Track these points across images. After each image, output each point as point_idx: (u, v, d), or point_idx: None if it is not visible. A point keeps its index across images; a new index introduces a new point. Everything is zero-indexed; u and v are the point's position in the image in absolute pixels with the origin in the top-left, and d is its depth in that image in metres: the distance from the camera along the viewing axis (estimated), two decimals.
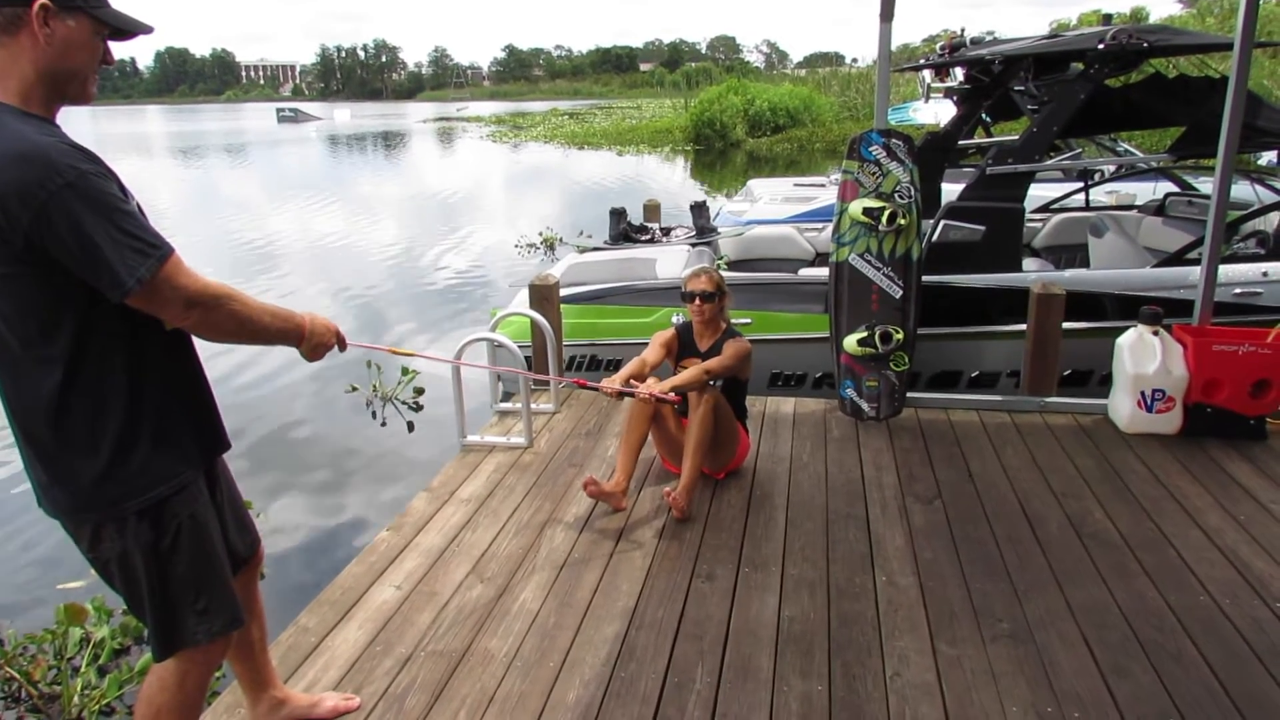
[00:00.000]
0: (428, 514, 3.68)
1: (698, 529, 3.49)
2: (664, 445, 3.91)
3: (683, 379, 3.55)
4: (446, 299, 10.14)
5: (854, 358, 4.52)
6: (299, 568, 4.51)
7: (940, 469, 4.01)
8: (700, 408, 3.57)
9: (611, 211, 7.10)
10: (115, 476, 1.84)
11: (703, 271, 3.85)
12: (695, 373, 3.56)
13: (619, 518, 3.60)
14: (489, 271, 11.53)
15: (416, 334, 8.63)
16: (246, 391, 7.13)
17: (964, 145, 6.87)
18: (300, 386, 7.27)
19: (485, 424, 4.72)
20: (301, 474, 5.66)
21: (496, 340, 4.41)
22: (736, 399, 3.93)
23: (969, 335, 5.14)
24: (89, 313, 1.77)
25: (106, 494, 1.84)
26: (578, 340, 5.51)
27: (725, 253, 7.07)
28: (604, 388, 3.39)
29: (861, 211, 4.42)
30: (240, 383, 7.35)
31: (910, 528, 3.46)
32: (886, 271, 4.45)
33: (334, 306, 9.75)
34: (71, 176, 1.67)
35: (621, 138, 32.64)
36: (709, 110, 29.84)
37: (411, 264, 12.18)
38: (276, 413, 6.70)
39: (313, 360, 2.17)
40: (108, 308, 1.78)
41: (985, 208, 4.98)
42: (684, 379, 3.55)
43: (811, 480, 3.92)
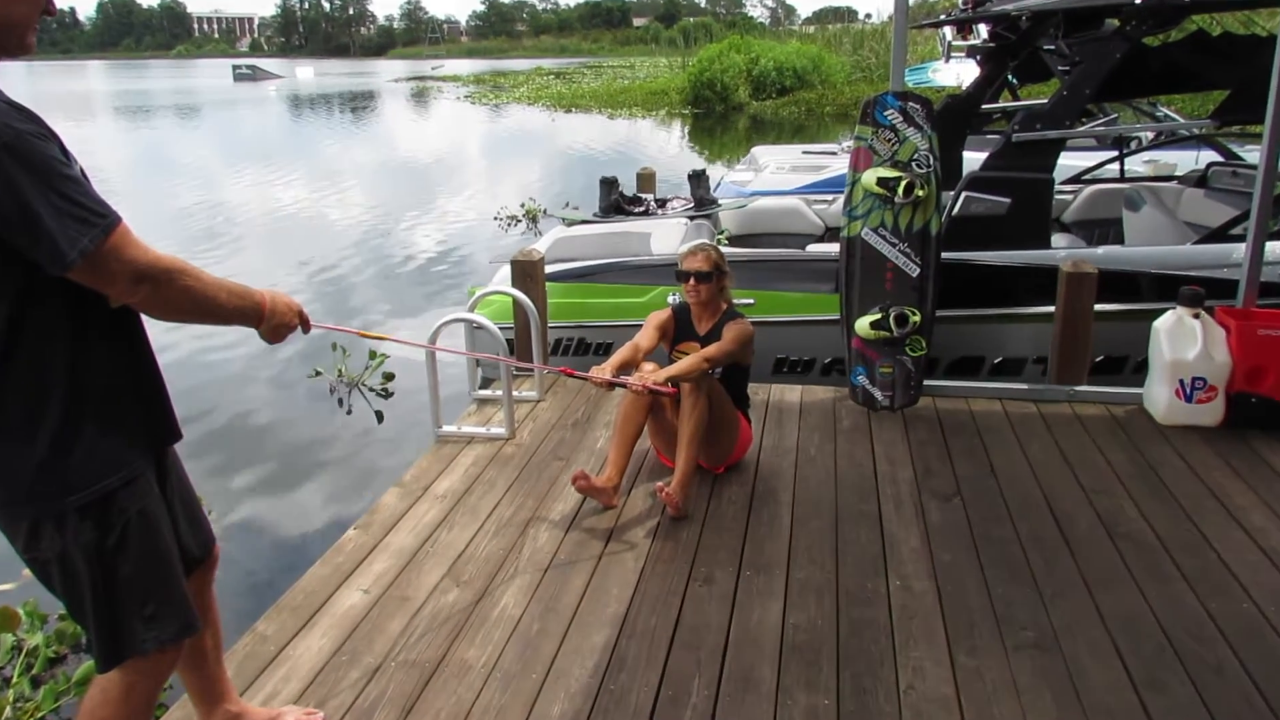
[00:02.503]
0: (399, 511, 3.67)
1: (695, 528, 3.49)
2: (660, 437, 3.91)
3: (680, 368, 3.54)
4: (420, 276, 10.10)
5: (866, 342, 4.52)
6: (257, 569, 4.50)
7: (960, 463, 4.02)
8: (695, 397, 3.57)
9: (602, 181, 7.07)
10: (54, 468, 1.82)
11: (700, 248, 3.83)
12: (693, 361, 3.56)
13: (609, 516, 3.60)
14: (467, 246, 11.49)
15: (387, 315, 8.60)
16: (198, 375, 7.10)
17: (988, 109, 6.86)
18: (258, 371, 7.24)
19: (462, 413, 4.71)
20: (259, 467, 5.65)
21: (475, 321, 4.40)
22: (737, 386, 3.93)
23: (992, 318, 5.15)
24: (25, 287, 1.75)
25: (45, 487, 1.83)
26: (564, 321, 5.50)
27: (726, 227, 7.06)
28: (593, 378, 3.38)
29: (875, 182, 4.41)
30: (191, 366, 7.32)
31: (927, 527, 3.47)
32: (902, 248, 4.45)
33: (296, 284, 9.70)
34: (8, 137, 1.64)
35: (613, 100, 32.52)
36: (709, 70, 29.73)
37: (381, 238, 12.14)
38: (232, 399, 6.68)
39: (273, 342, 2.16)
40: (47, 282, 1.75)
41: (1011, 178, 4.98)
42: (681, 368, 3.54)
43: (819, 475, 3.93)
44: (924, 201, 4.41)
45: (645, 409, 3.71)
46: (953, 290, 4.87)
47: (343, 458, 5.76)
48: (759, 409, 4.60)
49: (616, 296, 5.50)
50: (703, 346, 3.73)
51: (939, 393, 4.78)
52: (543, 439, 4.36)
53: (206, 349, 7.67)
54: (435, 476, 3.98)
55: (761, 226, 7.18)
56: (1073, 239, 6.06)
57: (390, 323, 8.31)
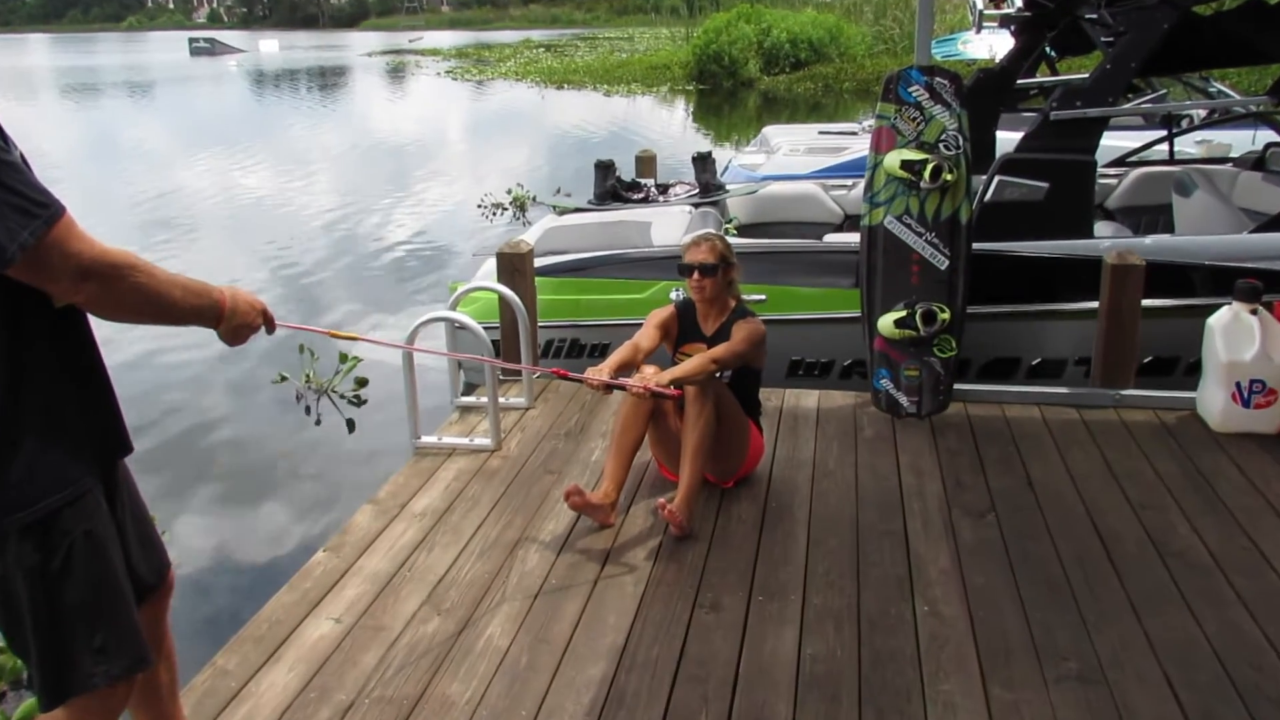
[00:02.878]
0: (373, 531, 3.67)
1: (701, 549, 3.49)
2: (662, 447, 3.91)
3: (685, 370, 3.54)
4: (395, 271, 10.10)
5: (890, 342, 4.52)
6: (216, 597, 4.50)
7: (994, 476, 4.02)
8: (700, 403, 3.57)
9: (597, 165, 7.06)
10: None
11: (705, 238, 3.84)
12: (699, 362, 3.56)
13: (606, 536, 3.60)
14: (447, 238, 11.48)
15: (360, 314, 8.60)
16: (150, 381, 7.10)
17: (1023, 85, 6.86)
18: (217, 376, 7.23)
19: (443, 422, 4.71)
20: (219, 483, 5.64)
21: (457, 321, 4.39)
22: (748, 391, 3.93)
23: (1029, 315, 5.15)
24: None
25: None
26: (556, 320, 5.50)
27: (735, 215, 7.06)
28: (588, 379, 3.38)
29: (899, 165, 4.41)
30: (143, 371, 7.31)
31: (957, 547, 3.47)
32: (930, 237, 4.45)
33: (259, 280, 9.70)
34: None
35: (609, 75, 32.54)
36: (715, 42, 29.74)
37: (354, 228, 12.13)
38: (188, 408, 6.67)
39: (234, 344, 2.16)
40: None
41: (1049, 160, 4.98)
42: (686, 369, 3.54)
43: (838, 490, 3.93)
44: (953, 186, 4.41)
45: (645, 417, 3.71)
46: (985, 284, 4.87)
47: (311, 472, 5.76)
48: (772, 416, 4.59)
49: (613, 293, 5.50)
50: (709, 348, 3.73)
51: (971, 398, 4.78)
52: (532, 450, 4.36)
53: (159, 350, 7.67)
54: (413, 493, 3.98)
55: (774, 214, 7.19)
56: (1118, 227, 6.06)
57: (363, 323, 8.31)
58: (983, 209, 5.00)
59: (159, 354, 7.63)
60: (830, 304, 5.30)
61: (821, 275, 5.36)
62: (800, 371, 5.47)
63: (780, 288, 5.32)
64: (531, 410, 4.82)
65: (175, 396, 6.86)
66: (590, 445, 4.41)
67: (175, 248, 11.17)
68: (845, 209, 7.11)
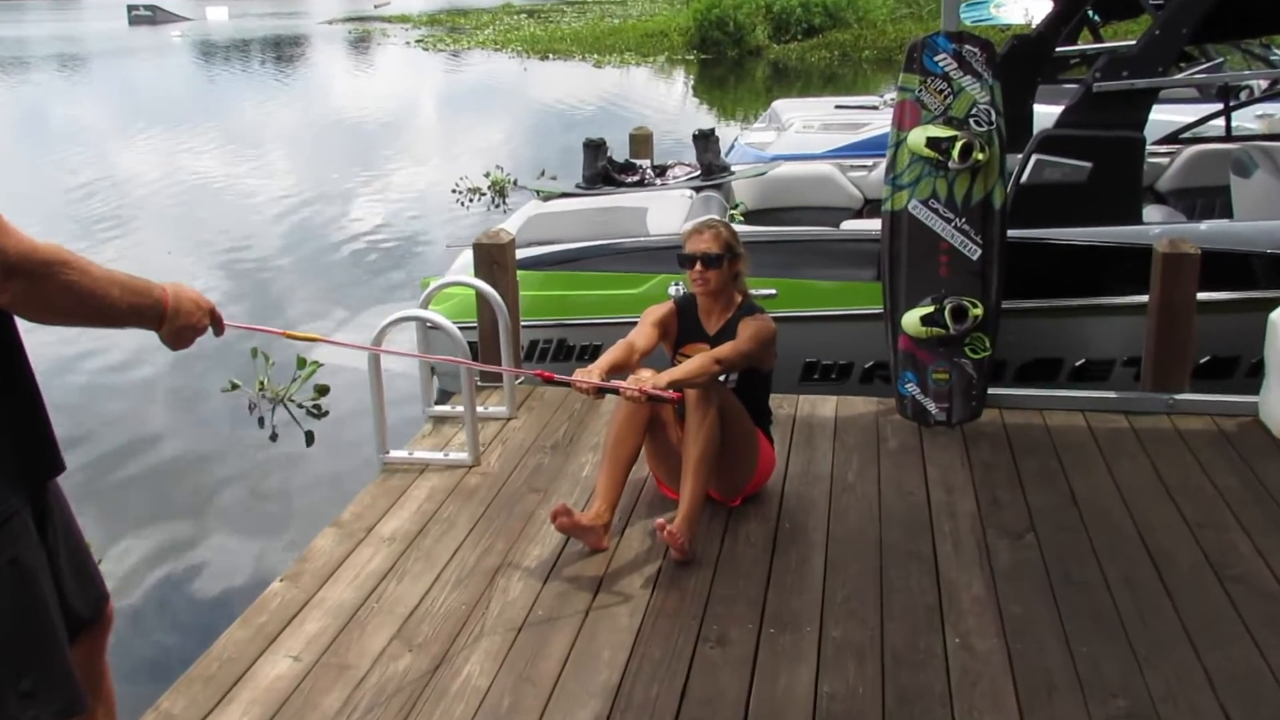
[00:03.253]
0: (336, 558, 3.67)
1: (704, 575, 3.49)
2: (660, 461, 3.91)
3: (685, 371, 3.55)
4: (361, 265, 10.10)
5: (917, 341, 4.53)
6: (160, 632, 4.50)
7: (1033, 491, 4.02)
8: (702, 411, 3.57)
9: (586, 144, 7.07)
10: None
11: (708, 225, 3.84)
12: (701, 362, 3.56)
13: (598, 561, 3.61)
14: (418, 227, 11.49)
15: (320, 313, 8.61)
16: (84, 391, 7.10)
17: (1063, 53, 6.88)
18: (159, 383, 7.23)
19: (415, 435, 4.71)
20: (162, 505, 5.64)
21: (429, 320, 4.39)
22: (756, 398, 3.93)
23: (1072, 310, 5.16)
24: None
25: None
26: (541, 319, 5.50)
27: (741, 200, 7.07)
28: (577, 382, 3.38)
29: (925, 143, 4.42)
30: (75, 379, 7.31)
31: (993, 571, 3.47)
32: (959, 224, 4.46)
33: (208, 276, 9.70)
34: None
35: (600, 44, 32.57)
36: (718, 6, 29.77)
37: (313, 218, 12.13)
38: (127, 420, 6.67)
39: (177, 347, 2.15)
40: None
41: (1092, 138, 4.99)
42: (687, 371, 3.55)
43: (859, 508, 3.94)
44: (985, 167, 4.42)
45: (642, 427, 3.71)
46: (1023, 276, 4.88)
47: (266, 491, 5.76)
48: (783, 426, 4.60)
49: (605, 287, 5.50)
50: (713, 348, 3.73)
51: (1007, 403, 4.79)
52: (515, 466, 4.36)
53: (94, 354, 7.67)
54: (381, 514, 3.97)
55: (785, 199, 7.19)
56: (1170, 212, 6.08)
57: (324, 323, 8.31)
58: (1019, 192, 5.00)
59: (94, 359, 7.63)
60: (848, 299, 5.30)
61: (838, 267, 5.36)
62: (815, 375, 5.47)
63: (792, 281, 5.32)
64: (514, 421, 4.81)
65: (113, 407, 6.85)
66: (580, 460, 4.41)
67: (113, 241, 11.16)
68: (865, 192, 7.12)
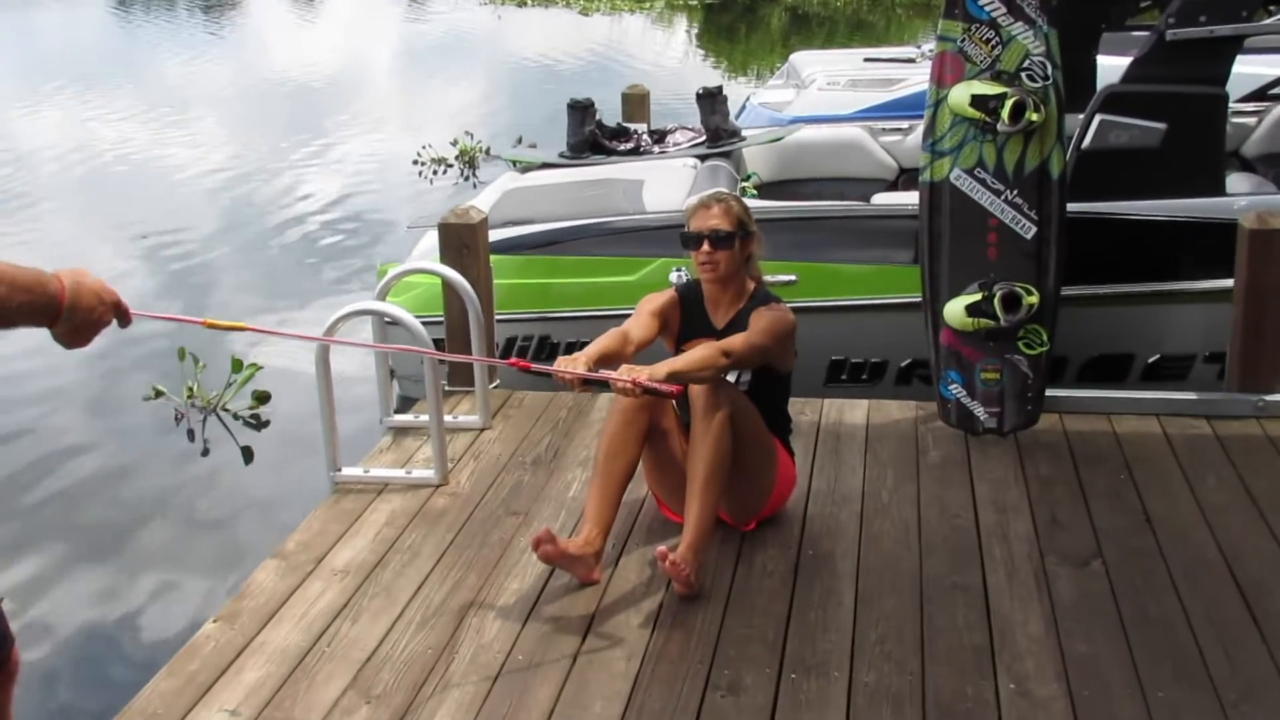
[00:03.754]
0: (279, 594, 3.66)
1: (714, 612, 3.48)
2: (661, 477, 3.90)
3: (688, 361, 3.50)
4: (308, 250, 10.07)
5: (961, 335, 4.52)
6: (75, 683, 4.47)
7: (1100, 510, 4.01)
8: (711, 415, 3.54)
9: (571, 106, 7.05)
10: None
11: (716, 199, 3.82)
12: (708, 353, 3.52)
13: (588, 596, 3.59)
14: (375, 205, 11.46)
15: (261, 307, 8.58)
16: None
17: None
18: (68, 391, 7.17)
19: (371, 450, 4.70)
20: (73, 534, 5.60)
21: (387, 314, 4.37)
22: (773, 403, 3.92)
23: (1143, 297, 5.15)
24: None
25: None
26: (518, 312, 5.49)
27: (755, 170, 7.05)
28: (560, 372, 3.34)
29: (970, 102, 4.41)
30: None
31: (1053, 605, 3.46)
32: (1011, 196, 4.45)
33: (125, 265, 9.65)
34: None
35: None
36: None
37: (251, 194, 12.09)
38: (31, 435, 6.63)
39: (74, 345, 2.14)
40: None
41: (1166, 94, 4.98)
42: (689, 362, 3.49)
43: (895, 531, 3.93)
44: (1040, 129, 4.40)
45: (639, 437, 3.69)
46: (1086, 258, 4.87)
47: (195, 517, 5.73)
48: (806, 435, 4.59)
49: (594, 274, 5.49)
50: None
51: (1068, 407, 4.78)
52: (490, 485, 4.35)
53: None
54: (332, 543, 3.96)
55: (806, 169, 7.18)
56: (1257, 181, 6.06)
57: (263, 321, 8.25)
58: (1080, 158, 4.99)
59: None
60: (882, 286, 5.29)
61: (869, 248, 5.35)
62: (844, 376, 5.46)
63: (815, 265, 5.31)
64: (488, 431, 4.80)
65: (14, 419, 6.81)
66: (566, 477, 4.40)
67: (8, 224, 11.11)
68: (899, 160, 7.10)
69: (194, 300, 8.74)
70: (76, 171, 13.49)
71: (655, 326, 3.82)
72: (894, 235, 5.29)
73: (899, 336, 5.27)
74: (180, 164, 13.65)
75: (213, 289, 9.11)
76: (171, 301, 8.70)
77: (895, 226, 5.31)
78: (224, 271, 9.56)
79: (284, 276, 9.33)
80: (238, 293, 9.00)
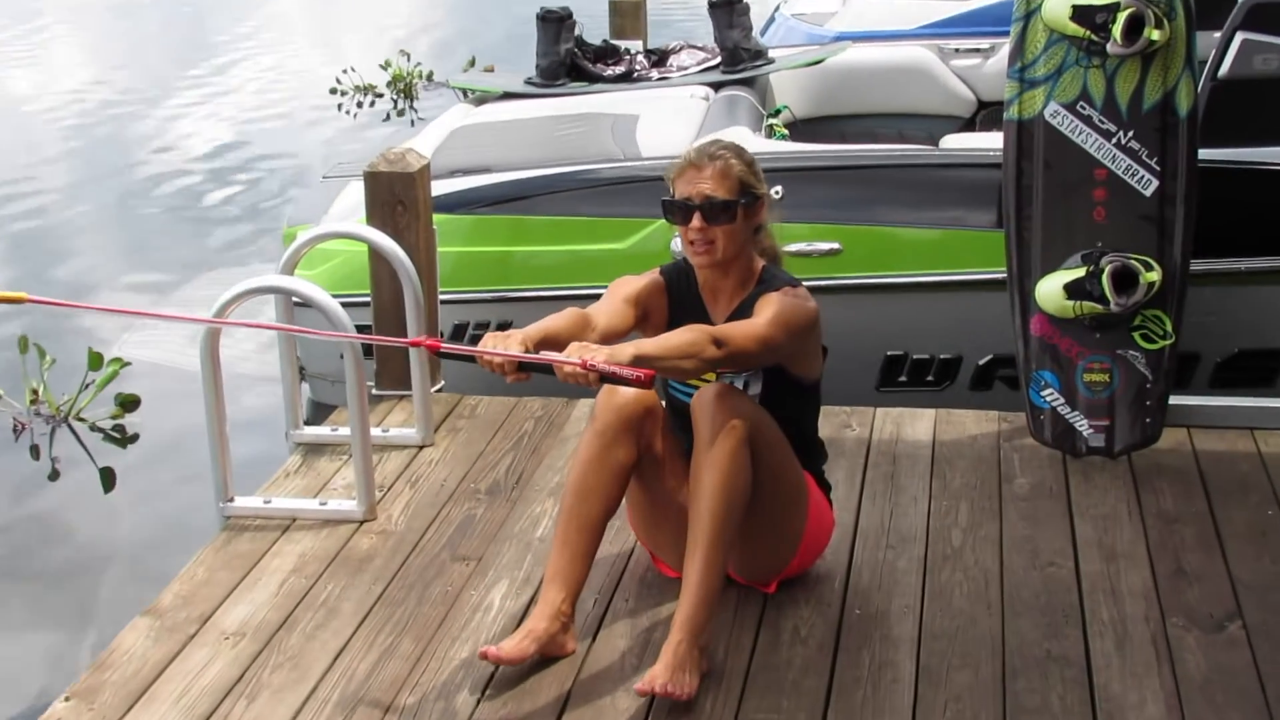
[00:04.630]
0: (152, 664, 3.65)
1: (730, 690, 3.47)
2: (651, 519, 3.86)
3: (664, 344, 3.36)
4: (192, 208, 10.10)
5: (1059, 324, 4.52)
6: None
7: (1240, 557, 4.01)
8: (721, 434, 3.46)
9: (543, 17, 7.04)
10: None
11: (711, 153, 3.68)
12: (695, 337, 3.37)
13: (561, 671, 3.58)
14: (279, 147, 11.47)
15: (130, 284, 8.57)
16: None
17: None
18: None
19: (274, 474, 4.71)
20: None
21: (296, 292, 4.36)
22: (797, 426, 3.81)
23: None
24: None
25: None
26: (471, 291, 5.51)
27: (786, 103, 7.05)
28: (485, 353, 3.21)
29: (1072, 15, 4.41)
30: None
31: (1177, 680, 3.46)
32: (1124, 140, 4.44)
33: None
34: None
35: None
36: None
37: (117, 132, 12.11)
38: None
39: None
40: None
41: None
42: (667, 345, 3.35)
43: (971, 584, 3.93)
44: (1164, 52, 4.40)
45: (622, 468, 3.62)
46: (1224, 223, 4.87)
47: (42, 562, 5.73)
48: (853, 456, 4.60)
49: (571, 240, 5.52)
50: None
51: (1199, 420, 4.80)
52: (431, 520, 4.36)
53: None
54: (222, 597, 3.96)
55: (853, 101, 7.19)
56: None
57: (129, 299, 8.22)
58: (1216, 90, 4.98)
59: None
60: (953, 257, 5.30)
61: (938, 208, 5.36)
62: (902, 377, 5.47)
63: (865, 229, 5.32)
64: (429, 449, 4.80)
65: None
66: (533, 509, 4.41)
67: None
68: (977, 91, 7.11)
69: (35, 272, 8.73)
70: None
71: (630, 316, 3.72)
72: (969, 190, 5.29)
73: (975, 325, 5.30)
74: (22, 97, 13.64)
75: (64, 257, 9.08)
76: (3, 272, 8.68)
77: (971, 179, 5.31)
78: (79, 235, 9.55)
79: (159, 242, 9.34)
80: (97, 263, 8.99)
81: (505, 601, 3.88)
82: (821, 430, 4.01)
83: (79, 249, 9.28)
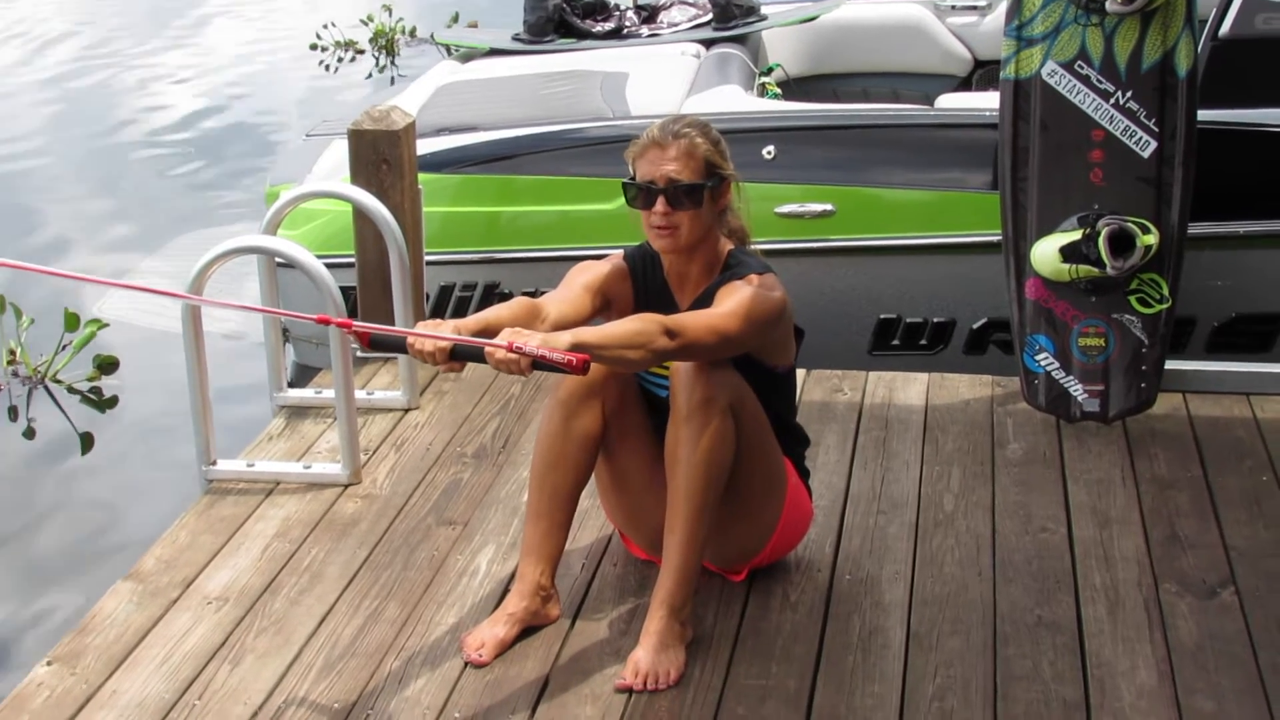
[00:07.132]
0: (134, 629, 3.66)
1: (718, 657, 3.49)
2: (621, 498, 3.81)
3: (607, 333, 3.25)
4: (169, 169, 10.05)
5: (1054, 287, 4.54)
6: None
7: (1234, 523, 4.03)
8: (701, 407, 3.39)
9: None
10: None
11: (675, 131, 3.54)
12: (643, 326, 3.26)
13: (548, 637, 3.60)
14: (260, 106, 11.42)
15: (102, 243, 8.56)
16: None
17: None
18: None
19: (257, 437, 4.72)
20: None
21: (279, 253, 4.36)
22: (774, 412, 3.72)
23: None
24: None
25: None
26: (458, 252, 5.52)
27: (779, 60, 7.03)
28: (413, 334, 3.11)
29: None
30: None
31: (1169, 647, 3.48)
32: (1123, 100, 4.45)
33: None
34: None
35: None
36: None
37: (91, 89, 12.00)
38: None
39: None
40: None
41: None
42: (610, 333, 3.25)
43: (963, 550, 3.95)
44: (1163, 10, 4.39)
45: (588, 437, 3.58)
46: (1222, 186, 4.88)
47: (20, 526, 5.72)
48: (845, 420, 4.61)
49: (559, 200, 5.52)
50: None
51: (1195, 385, 4.81)
52: (417, 484, 4.37)
53: None
54: (205, 561, 3.97)
55: (848, 60, 7.17)
56: None
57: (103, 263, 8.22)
58: (1217, 50, 4.98)
59: None
60: (947, 219, 5.30)
61: (932, 169, 5.36)
62: (895, 341, 5.48)
63: (859, 191, 5.32)
64: (415, 413, 4.82)
65: None
66: (520, 473, 4.40)
67: None
68: (973, 49, 7.09)
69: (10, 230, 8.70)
70: None
71: (588, 305, 3.62)
72: (964, 151, 5.29)
73: (970, 288, 5.31)
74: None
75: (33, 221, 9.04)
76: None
77: (966, 139, 5.31)
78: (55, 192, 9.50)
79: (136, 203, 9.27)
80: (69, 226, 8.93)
81: (491, 566, 3.90)
82: (813, 394, 4.02)
83: (56, 207, 9.24)
